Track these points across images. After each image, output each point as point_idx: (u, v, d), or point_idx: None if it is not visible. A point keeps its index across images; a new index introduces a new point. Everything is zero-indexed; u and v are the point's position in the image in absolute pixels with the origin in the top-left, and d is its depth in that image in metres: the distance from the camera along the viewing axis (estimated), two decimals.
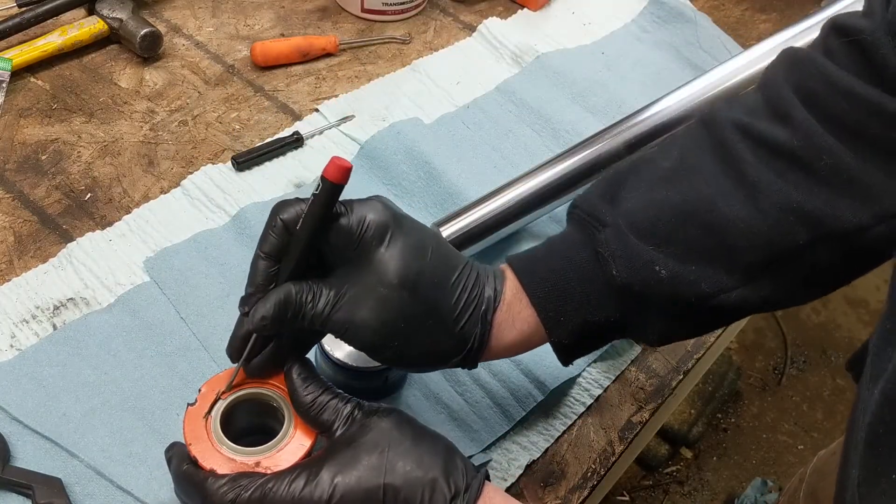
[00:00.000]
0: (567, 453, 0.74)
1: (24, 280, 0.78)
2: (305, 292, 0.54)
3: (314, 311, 0.54)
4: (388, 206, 0.56)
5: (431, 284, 0.55)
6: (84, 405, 0.69)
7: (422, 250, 0.56)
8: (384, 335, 0.55)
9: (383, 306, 0.54)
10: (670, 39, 1.13)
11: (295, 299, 0.54)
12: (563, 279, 0.59)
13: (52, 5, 0.98)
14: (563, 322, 0.59)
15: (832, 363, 2.28)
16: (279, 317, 0.54)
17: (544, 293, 0.59)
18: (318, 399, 0.55)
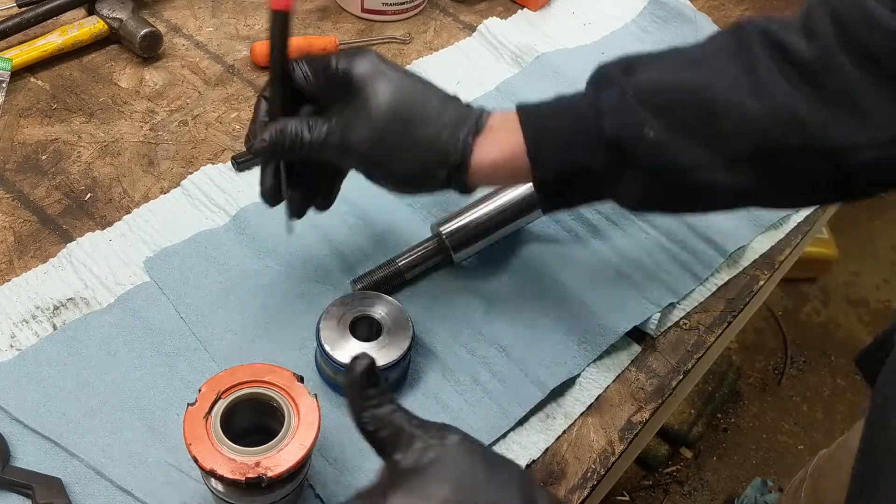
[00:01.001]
0: (567, 453, 0.74)
1: (24, 280, 0.78)
2: (300, 123, 0.63)
3: (310, 138, 0.62)
4: (377, 54, 0.64)
5: (414, 105, 0.63)
6: (84, 405, 0.70)
7: (405, 82, 0.64)
8: (376, 153, 0.63)
9: (372, 127, 0.62)
10: (670, 39, 1.13)
11: (290, 128, 0.62)
12: (558, 120, 0.64)
13: (52, 5, 0.98)
14: (547, 159, 0.63)
15: (832, 363, 2.28)
16: (277, 140, 0.62)
17: (537, 125, 0.64)
18: (378, 412, 0.49)
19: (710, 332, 0.85)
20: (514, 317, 0.80)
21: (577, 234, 0.89)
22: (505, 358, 0.77)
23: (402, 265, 0.80)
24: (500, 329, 0.79)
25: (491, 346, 0.78)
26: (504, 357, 0.77)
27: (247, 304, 0.78)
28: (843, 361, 2.28)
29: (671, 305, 0.84)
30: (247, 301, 0.78)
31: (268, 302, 0.79)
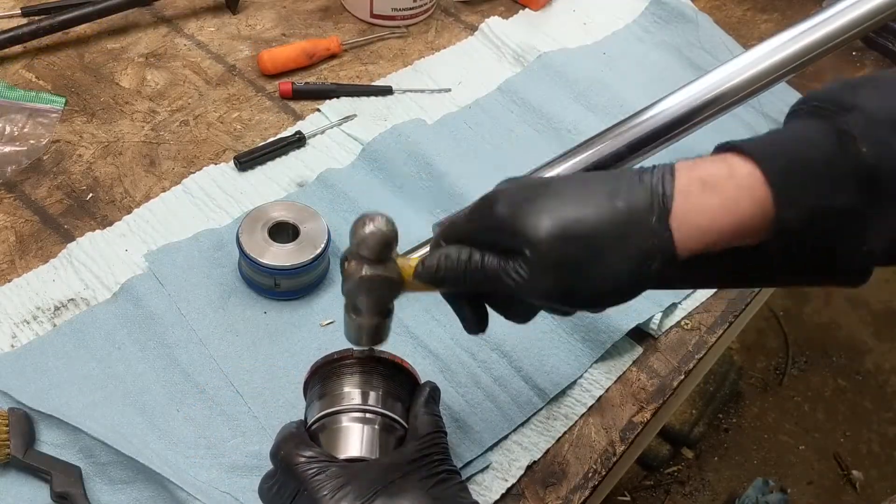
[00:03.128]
0: (568, 453, 0.74)
1: (24, 280, 0.78)
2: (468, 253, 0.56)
3: (482, 276, 0.56)
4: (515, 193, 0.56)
5: (584, 239, 0.52)
6: (87, 397, 0.70)
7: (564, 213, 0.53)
8: (562, 298, 0.54)
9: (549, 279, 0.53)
10: (672, 39, 1.13)
11: (456, 256, 0.57)
12: (801, 157, 0.52)
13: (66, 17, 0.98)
14: (795, 200, 0.51)
15: (833, 363, 2.27)
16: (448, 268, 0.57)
17: (781, 168, 0.51)
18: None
19: (711, 332, 0.85)
20: None
21: None
22: (505, 363, 0.77)
23: None
24: (500, 332, 0.79)
25: (492, 352, 0.78)
26: (505, 362, 0.77)
27: (248, 307, 0.78)
28: (844, 362, 2.28)
29: (673, 305, 0.84)
30: (249, 304, 0.78)
31: (270, 304, 0.79)
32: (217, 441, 0.69)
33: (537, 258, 0.52)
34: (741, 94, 0.87)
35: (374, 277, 0.56)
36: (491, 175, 0.91)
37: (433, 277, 0.57)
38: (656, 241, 0.51)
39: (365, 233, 0.55)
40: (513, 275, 0.54)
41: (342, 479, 0.55)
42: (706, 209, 0.51)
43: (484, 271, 0.55)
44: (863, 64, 1.18)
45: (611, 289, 0.54)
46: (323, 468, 0.55)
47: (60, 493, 0.64)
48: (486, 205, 0.56)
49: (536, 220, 0.53)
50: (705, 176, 0.52)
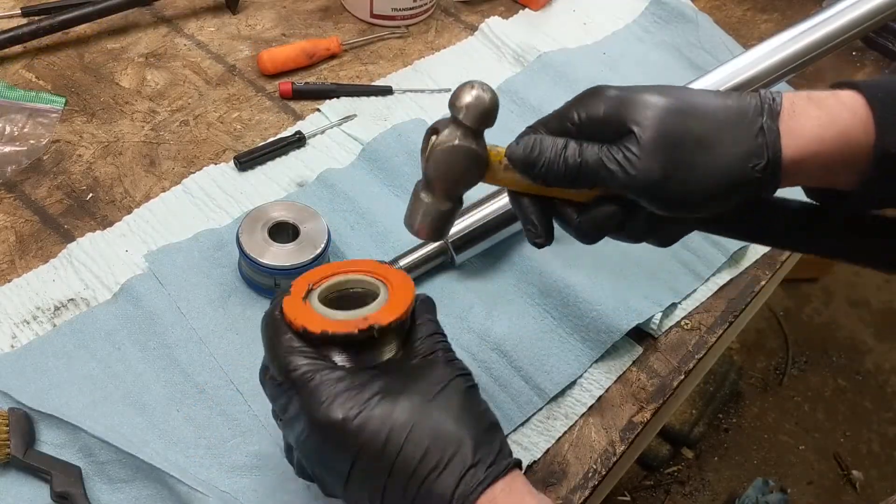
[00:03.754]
0: (568, 453, 0.74)
1: (24, 280, 0.78)
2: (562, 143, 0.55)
3: (571, 164, 0.54)
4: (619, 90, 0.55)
5: (691, 128, 0.53)
6: (87, 397, 0.70)
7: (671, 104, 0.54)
8: (666, 188, 0.53)
9: (655, 164, 0.53)
10: (672, 40, 1.13)
11: (550, 147, 0.55)
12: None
13: (66, 17, 0.98)
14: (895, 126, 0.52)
15: (833, 363, 2.28)
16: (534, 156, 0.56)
17: (883, 96, 0.53)
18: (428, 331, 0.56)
19: (711, 332, 0.85)
20: (516, 318, 0.80)
21: None
22: (506, 363, 0.77)
23: (403, 266, 0.80)
24: (501, 332, 0.79)
25: (492, 351, 0.78)
26: (505, 362, 0.77)
27: (248, 307, 0.78)
28: (844, 362, 2.28)
29: (673, 305, 0.84)
30: (249, 304, 0.78)
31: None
32: (217, 441, 0.69)
33: (647, 135, 0.51)
34: None
35: (468, 149, 0.53)
36: None
37: (526, 160, 0.54)
38: (765, 138, 0.52)
39: (468, 100, 0.52)
40: (618, 158, 0.52)
41: (341, 386, 0.51)
42: (811, 117, 0.53)
43: (582, 157, 0.53)
44: (863, 64, 1.18)
45: (714, 184, 0.53)
46: (318, 371, 0.52)
47: (60, 493, 0.64)
48: (587, 95, 0.54)
49: (647, 98, 0.53)
50: (809, 94, 0.54)
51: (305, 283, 0.58)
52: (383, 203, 0.87)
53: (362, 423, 0.50)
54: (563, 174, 0.54)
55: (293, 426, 0.53)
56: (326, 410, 0.50)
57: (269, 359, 0.55)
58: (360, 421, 0.50)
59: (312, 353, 0.53)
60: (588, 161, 0.53)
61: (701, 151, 0.52)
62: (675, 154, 0.52)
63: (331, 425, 0.50)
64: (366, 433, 0.50)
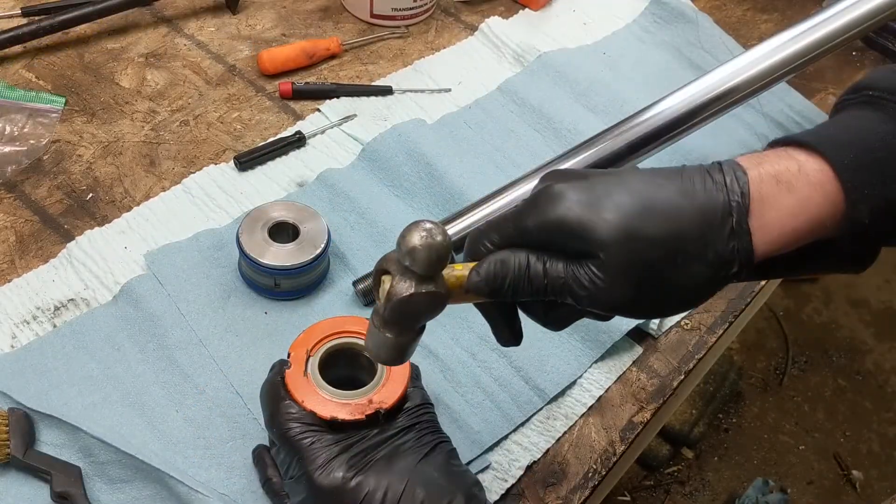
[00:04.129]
0: (568, 453, 0.74)
1: (24, 280, 0.78)
2: (526, 258, 0.51)
3: (544, 283, 0.50)
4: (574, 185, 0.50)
5: (658, 239, 0.48)
6: (86, 399, 0.70)
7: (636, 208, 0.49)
8: (638, 307, 0.51)
9: (623, 285, 0.49)
10: (672, 40, 1.13)
11: (515, 263, 0.51)
12: (866, 149, 0.50)
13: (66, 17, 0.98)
14: (866, 195, 0.49)
15: (834, 363, 2.28)
16: (497, 276, 0.51)
17: (849, 161, 0.49)
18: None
19: (711, 332, 0.85)
20: None
21: None
22: (506, 363, 0.77)
23: None
24: None
25: (492, 352, 0.78)
26: (505, 362, 0.77)
27: (248, 307, 0.78)
28: (844, 362, 2.28)
29: None
30: (249, 304, 0.78)
31: (271, 305, 0.79)
32: (216, 441, 0.69)
33: (612, 262, 0.48)
34: (741, 93, 0.87)
35: (422, 296, 0.49)
36: (491, 175, 0.92)
37: (489, 289, 0.51)
38: (736, 244, 0.48)
39: (416, 244, 0.47)
40: (584, 282, 0.49)
41: (336, 449, 0.57)
42: (783, 208, 0.49)
43: (548, 278, 0.49)
44: (863, 64, 1.18)
45: (685, 297, 0.51)
46: (317, 438, 0.58)
47: (60, 493, 0.64)
48: (544, 202, 0.50)
49: (610, 218, 0.48)
50: (776, 173, 0.49)
51: (304, 351, 0.63)
52: (383, 203, 0.87)
53: (360, 482, 0.55)
54: (530, 294, 0.51)
55: (297, 488, 0.58)
56: (326, 472, 0.56)
57: (270, 427, 0.60)
58: (357, 481, 0.55)
59: (310, 419, 0.59)
60: (554, 282, 0.50)
61: (670, 269, 0.48)
62: (643, 278, 0.48)
63: (331, 486, 0.56)
64: (364, 492, 0.55)
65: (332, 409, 0.59)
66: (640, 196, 0.49)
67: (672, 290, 0.50)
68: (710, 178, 0.49)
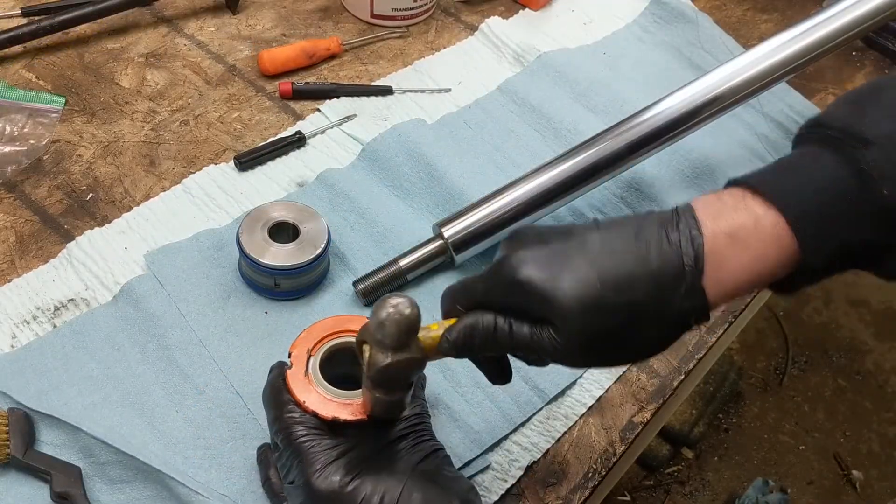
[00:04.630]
0: (568, 453, 0.74)
1: (24, 280, 0.78)
2: (494, 320, 0.55)
3: (510, 342, 0.55)
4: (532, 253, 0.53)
5: (616, 308, 0.51)
6: (86, 399, 0.70)
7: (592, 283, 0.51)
8: (596, 361, 0.56)
9: (579, 348, 0.52)
10: (672, 40, 1.13)
11: (482, 325, 0.55)
12: (823, 199, 0.52)
13: (66, 17, 0.98)
14: (821, 246, 0.51)
15: (834, 363, 2.28)
16: (467, 337, 0.56)
17: (806, 214, 0.51)
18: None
19: (711, 332, 0.85)
20: None
21: None
22: None
23: (404, 266, 0.80)
24: None
25: None
26: None
27: (248, 307, 0.78)
28: (844, 361, 2.28)
29: None
30: (249, 304, 0.78)
31: (271, 305, 0.79)
32: (216, 442, 0.69)
33: (571, 331, 0.51)
34: (741, 94, 0.87)
35: (398, 364, 0.54)
36: (491, 175, 0.92)
37: (460, 351, 0.56)
38: (690, 304, 0.51)
39: (384, 317, 0.52)
40: (545, 344, 0.52)
41: (334, 454, 0.57)
42: (736, 267, 0.51)
43: (513, 340, 0.54)
44: (863, 64, 1.18)
45: (642, 353, 0.54)
46: (317, 442, 0.58)
47: (60, 493, 0.64)
48: (507, 269, 0.53)
49: (567, 289, 0.51)
50: (731, 229, 0.51)
51: (304, 351, 0.63)
52: (383, 203, 0.87)
53: (357, 487, 0.56)
54: (498, 351, 0.57)
55: (295, 492, 0.58)
56: (322, 476, 0.56)
57: (273, 429, 0.61)
58: (354, 485, 0.56)
59: (311, 423, 0.59)
60: (519, 342, 0.54)
61: (625, 334, 0.52)
62: (600, 343, 0.52)
63: (327, 490, 0.56)
64: (361, 496, 0.55)
65: (333, 410, 0.59)
66: (597, 265, 0.51)
67: (629, 349, 0.54)
68: (665, 238, 0.51)
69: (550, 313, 0.51)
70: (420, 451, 0.60)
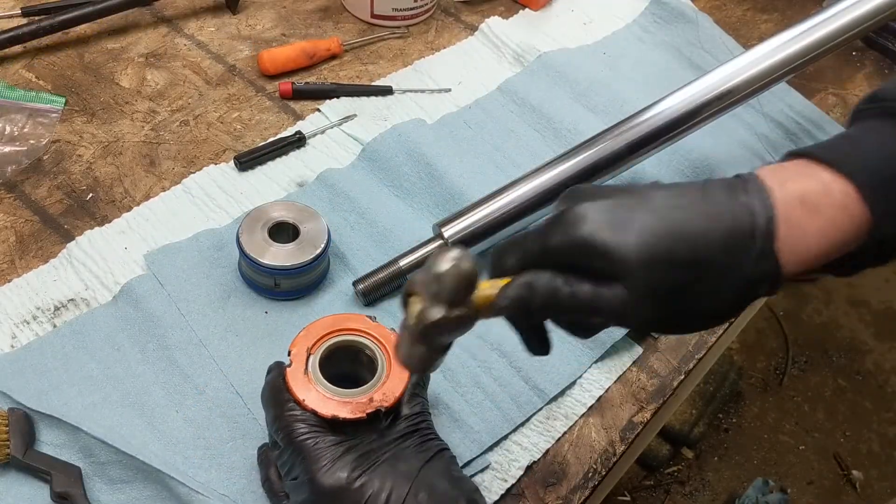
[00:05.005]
0: (568, 453, 0.74)
1: (24, 280, 0.78)
2: (555, 280, 0.51)
3: (572, 303, 0.50)
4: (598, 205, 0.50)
5: (687, 264, 0.48)
6: (86, 399, 0.70)
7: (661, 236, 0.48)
8: (665, 326, 0.53)
9: (650, 308, 0.49)
10: (672, 40, 1.13)
11: (542, 284, 0.51)
12: (889, 167, 0.50)
13: (66, 17, 0.98)
14: (891, 215, 0.49)
15: (834, 363, 2.28)
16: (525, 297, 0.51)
17: (874, 182, 0.49)
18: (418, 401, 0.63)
19: (711, 332, 0.85)
20: None
21: None
22: (506, 363, 0.77)
23: (404, 266, 0.80)
24: (501, 332, 0.78)
25: (492, 352, 0.78)
26: (505, 362, 0.77)
27: (248, 307, 0.78)
28: (844, 362, 2.28)
29: None
30: (249, 304, 0.78)
31: (271, 305, 0.79)
32: (216, 442, 0.69)
33: (638, 286, 0.48)
34: (741, 93, 0.87)
35: (452, 319, 0.50)
36: (491, 175, 0.92)
37: (517, 311, 0.51)
38: (763, 267, 0.48)
39: (443, 270, 0.49)
40: (610, 302, 0.49)
41: (339, 450, 0.57)
42: (809, 233, 0.49)
43: (575, 300, 0.49)
44: (863, 64, 1.18)
45: (713, 315, 0.51)
46: (321, 439, 0.58)
47: (60, 493, 0.64)
48: (567, 223, 0.50)
49: (635, 241, 0.48)
50: (801, 194, 0.49)
51: (304, 349, 0.63)
52: (383, 203, 0.87)
53: (364, 483, 0.55)
54: (556, 314, 0.53)
55: (298, 490, 0.58)
56: (329, 473, 0.56)
57: (274, 428, 0.60)
58: (361, 482, 0.55)
59: (313, 421, 0.59)
60: (581, 304, 0.50)
61: (696, 292, 0.49)
62: (669, 300, 0.49)
63: (334, 487, 0.55)
64: (368, 494, 0.55)
65: (332, 408, 0.59)
66: (665, 219, 0.48)
67: (699, 311, 0.50)
68: (734, 198, 0.49)
69: (616, 267, 0.48)
70: (427, 451, 0.60)
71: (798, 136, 1.03)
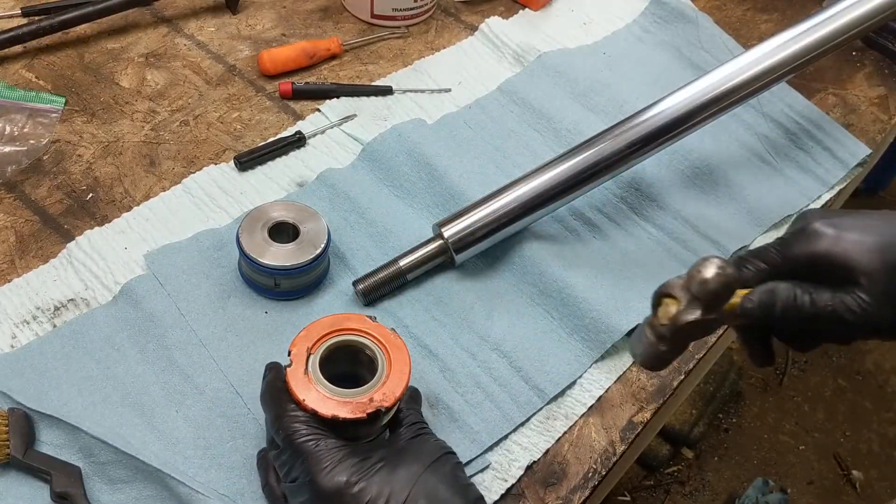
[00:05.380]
0: (568, 453, 0.74)
1: (24, 280, 0.78)
2: (794, 289, 0.57)
3: (813, 310, 0.56)
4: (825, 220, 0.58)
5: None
6: (86, 399, 0.70)
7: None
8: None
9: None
10: (672, 40, 1.13)
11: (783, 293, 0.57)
12: None
13: (67, 17, 0.98)
14: None
15: (833, 363, 2.27)
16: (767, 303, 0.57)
17: None
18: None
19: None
20: (516, 318, 0.80)
21: (579, 233, 0.89)
22: (506, 363, 0.77)
23: (404, 266, 0.80)
24: (501, 332, 0.79)
25: (492, 352, 0.78)
26: (505, 362, 0.77)
27: (248, 307, 0.78)
28: (844, 362, 2.28)
29: None
30: (249, 304, 0.78)
31: (271, 305, 0.79)
32: (216, 442, 0.69)
33: (878, 287, 0.54)
34: (741, 94, 0.87)
35: (706, 322, 0.55)
36: (491, 175, 0.92)
37: (760, 315, 0.57)
38: None
39: (710, 275, 0.54)
40: (852, 307, 0.54)
41: (341, 454, 0.57)
42: None
43: (815, 306, 0.55)
44: (863, 64, 1.18)
45: None
46: (322, 441, 0.58)
47: (60, 493, 0.64)
48: (808, 237, 0.57)
49: (871, 249, 0.55)
50: None
51: (304, 349, 0.63)
52: (383, 203, 0.87)
53: (363, 487, 0.55)
54: (797, 321, 0.57)
55: (298, 491, 0.58)
56: (330, 475, 0.56)
57: (274, 429, 0.60)
58: (361, 485, 0.56)
59: (314, 422, 0.59)
60: (822, 310, 0.55)
61: None
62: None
63: (334, 489, 0.56)
64: (366, 498, 0.55)
65: (332, 408, 0.59)
66: (888, 227, 0.56)
67: None
68: None
69: (856, 272, 0.54)
70: (429, 454, 0.59)
71: (798, 136, 1.03)
